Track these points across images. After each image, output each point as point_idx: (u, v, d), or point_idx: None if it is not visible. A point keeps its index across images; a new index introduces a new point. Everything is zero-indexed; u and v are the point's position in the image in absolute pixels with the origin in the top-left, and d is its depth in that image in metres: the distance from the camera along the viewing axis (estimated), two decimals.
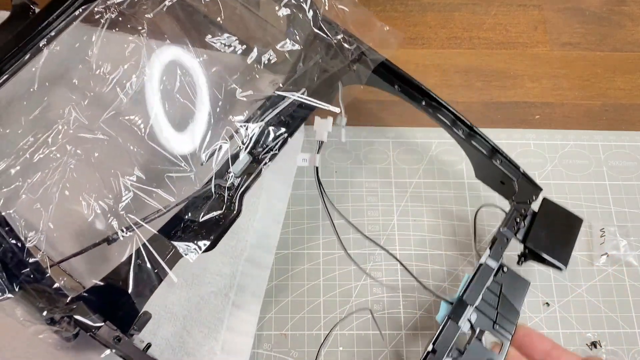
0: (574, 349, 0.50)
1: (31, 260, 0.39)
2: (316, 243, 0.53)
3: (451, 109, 0.49)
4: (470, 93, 0.62)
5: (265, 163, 0.45)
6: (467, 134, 0.50)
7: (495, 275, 0.44)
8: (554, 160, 0.58)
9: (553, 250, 0.46)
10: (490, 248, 0.45)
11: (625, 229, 0.55)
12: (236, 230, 0.51)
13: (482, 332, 0.42)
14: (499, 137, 0.59)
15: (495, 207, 0.53)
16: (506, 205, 0.49)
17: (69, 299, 0.39)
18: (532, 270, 0.53)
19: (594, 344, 0.50)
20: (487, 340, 0.42)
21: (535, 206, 0.48)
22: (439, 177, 0.57)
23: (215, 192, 0.43)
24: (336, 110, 0.47)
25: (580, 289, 0.52)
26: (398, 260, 0.50)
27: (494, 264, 0.44)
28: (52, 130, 0.44)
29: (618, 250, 0.54)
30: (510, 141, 0.59)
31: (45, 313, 0.39)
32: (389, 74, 0.50)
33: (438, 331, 0.41)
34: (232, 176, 0.44)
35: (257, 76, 0.48)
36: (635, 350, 0.50)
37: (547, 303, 0.52)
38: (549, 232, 0.47)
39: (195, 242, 0.41)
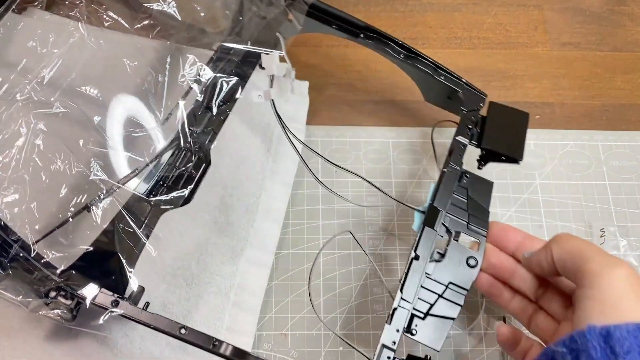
0: None
1: (14, 238, 0.40)
2: (316, 243, 0.53)
3: (388, 35, 0.52)
4: None
5: (226, 114, 0.47)
6: (408, 56, 0.52)
7: (459, 181, 0.47)
8: (554, 160, 0.58)
9: (507, 146, 0.49)
10: (449, 156, 0.48)
11: (625, 229, 0.55)
12: (236, 230, 0.52)
13: (457, 233, 0.45)
14: None
15: (451, 121, 0.55)
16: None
17: (59, 270, 0.40)
18: None
19: None
20: (464, 242, 0.45)
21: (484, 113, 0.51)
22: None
23: (183, 147, 0.45)
24: (281, 53, 0.49)
25: None
26: (367, 180, 0.51)
27: (456, 170, 0.47)
28: (11, 109, 0.44)
29: (618, 250, 0.54)
30: None
31: (40, 288, 0.39)
32: (324, 15, 0.52)
33: (417, 238, 0.43)
34: (196, 131, 0.46)
35: (202, 33, 0.51)
36: None
37: None
38: (501, 131, 0.50)
39: (172, 196, 0.43)
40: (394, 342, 0.39)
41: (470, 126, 0.49)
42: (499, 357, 0.49)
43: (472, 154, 0.49)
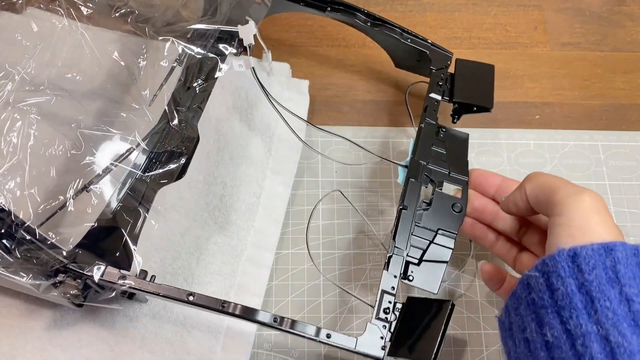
0: None
1: (18, 222, 0.40)
2: (316, 243, 0.53)
3: (353, 6, 0.54)
4: None
5: (208, 91, 0.49)
6: (374, 24, 0.55)
7: (437, 135, 0.51)
8: (554, 160, 0.58)
9: (478, 97, 0.53)
10: (424, 112, 0.51)
11: (625, 229, 0.55)
12: (236, 229, 0.52)
13: (440, 183, 0.48)
14: (498, 137, 0.59)
15: (423, 81, 0.57)
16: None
17: (65, 251, 0.41)
18: None
19: None
20: (447, 190, 0.48)
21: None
22: None
23: (172, 126, 0.47)
24: (254, 31, 0.50)
25: None
26: (351, 140, 0.53)
27: (432, 124, 0.50)
28: (1, 99, 0.46)
29: None
30: (510, 141, 0.59)
31: (49, 268, 0.40)
32: None
33: (403, 191, 0.46)
34: (182, 110, 0.48)
35: (177, 17, 0.52)
36: None
37: None
38: (470, 84, 0.53)
39: (166, 171, 0.45)
40: (393, 288, 0.42)
41: (440, 83, 0.52)
42: (500, 357, 0.49)
43: (446, 113, 0.54)
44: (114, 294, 0.42)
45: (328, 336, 0.40)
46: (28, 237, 0.40)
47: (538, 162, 0.58)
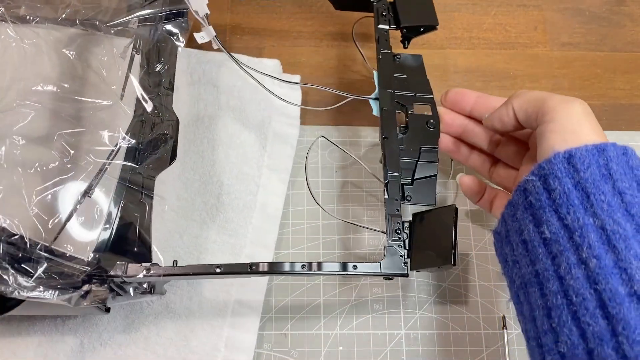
0: None
1: (31, 243, 0.41)
2: (316, 243, 0.53)
3: None
4: None
5: (172, 70, 0.50)
6: None
7: (394, 62, 0.53)
8: None
9: (422, 17, 0.55)
10: (378, 44, 0.53)
11: None
12: (235, 228, 0.52)
13: (410, 105, 0.51)
14: None
15: (367, 16, 0.58)
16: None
17: (86, 260, 0.41)
18: None
19: None
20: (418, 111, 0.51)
21: None
22: None
23: (149, 113, 0.48)
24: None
25: None
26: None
27: (388, 53, 0.53)
28: None
29: None
30: None
31: (75, 280, 0.40)
32: None
33: (380, 121, 0.49)
34: (153, 96, 0.49)
35: (123, 7, 0.53)
36: None
37: None
38: (411, 7, 0.55)
39: (158, 158, 0.46)
40: (397, 210, 0.45)
41: (384, 13, 0.55)
42: (500, 357, 0.49)
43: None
44: (140, 290, 0.42)
45: (354, 267, 0.42)
46: (46, 256, 0.40)
47: None
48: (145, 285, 0.42)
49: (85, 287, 0.40)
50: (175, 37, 0.51)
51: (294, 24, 0.65)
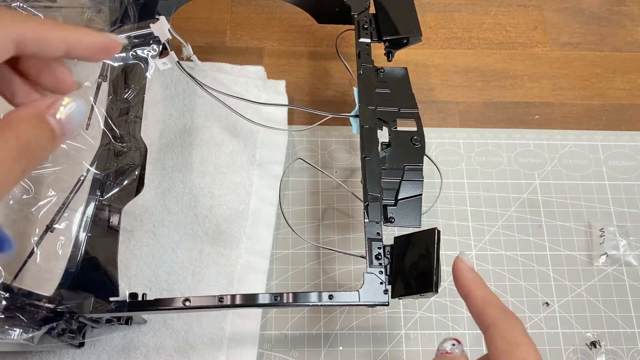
0: (573, 348, 0.50)
1: None
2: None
3: None
4: (470, 93, 0.62)
5: (142, 97, 0.47)
6: None
7: (377, 78, 0.51)
8: (554, 160, 0.58)
9: (404, 28, 0.53)
10: (359, 58, 0.50)
11: (625, 229, 0.55)
12: (228, 238, 0.51)
13: (394, 122, 0.48)
14: (499, 137, 0.59)
15: (349, 29, 0.57)
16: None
17: (48, 297, 0.39)
18: (533, 269, 0.53)
19: (593, 344, 0.50)
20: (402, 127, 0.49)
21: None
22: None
23: (115, 143, 0.46)
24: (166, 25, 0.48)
25: (580, 289, 0.53)
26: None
27: (369, 67, 0.50)
28: None
29: (617, 250, 0.54)
30: (510, 141, 0.59)
31: (39, 318, 0.39)
32: None
33: (360, 140, 0.47)
34: (121, 124, 0.46)
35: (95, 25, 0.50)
36: (634, 350, 0.50)
37: (546, 303, 0.52)
38: (393, 18, 0.53)
39: (124, 188, 0.44)
40: (378, 233, 0.43)
41: (366, 26, 0.53)
42: None
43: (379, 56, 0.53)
44: (111, 323, 0.41)
45: (330, 297, 0.40)
46: (6, 295, 0.39)
47: (538, 162, 0.58)
48: (117, 319, 0.41)
49: (50, 325, 0.39)
50: (143, 62, 0.48)
51: (294, 24, 0.65)
